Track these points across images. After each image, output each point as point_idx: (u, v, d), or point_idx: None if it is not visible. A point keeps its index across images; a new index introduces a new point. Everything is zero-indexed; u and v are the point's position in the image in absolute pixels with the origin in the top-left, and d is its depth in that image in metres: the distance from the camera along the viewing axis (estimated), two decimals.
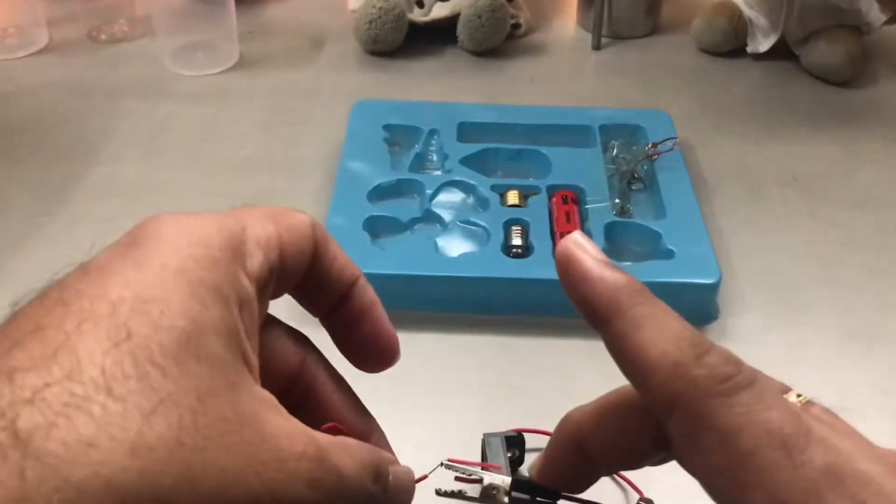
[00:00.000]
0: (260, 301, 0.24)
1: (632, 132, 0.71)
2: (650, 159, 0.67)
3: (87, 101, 0.79)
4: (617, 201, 0.64)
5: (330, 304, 0.28)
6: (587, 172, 0.65)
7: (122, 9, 0.90)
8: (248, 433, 0.20)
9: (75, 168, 0.70)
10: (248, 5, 0.94)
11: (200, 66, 0.84)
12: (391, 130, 0.70)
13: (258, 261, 0.24)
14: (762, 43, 0.86)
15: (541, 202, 0.63)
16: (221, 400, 0.20)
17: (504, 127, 0.71)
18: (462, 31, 0.86)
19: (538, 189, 0.64)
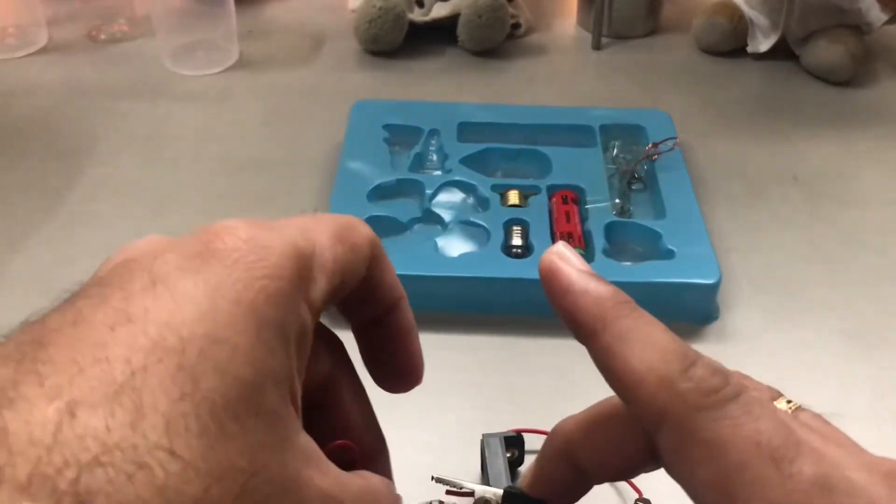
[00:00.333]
0: (312, 323, 0.23)
1: (632, 132, 0.71)
2: (650, 159, 0.67)
3: (87, 101, 0.79)
4: (617, 201, 0.64)
5: (368, 319, 0.28)
6: (587, 172, 0.65)
7: (122, 9, 0.90)
8: (289, 499, 0.20)
9: (75, 168, 0.70)
10: (248, 5, 0.94)
11: (200, 66, 0.84)
12: (391, 130, 0.70)
13: (321, 289, 0.23)
14: (762, 43, 0.86)
15: (541, 202, 0.63)
16: (271, 461, 0.20)
17: (504, 127, 0.71)
18: (462, 31, 0.86)
19: (538, 189, 0.64)
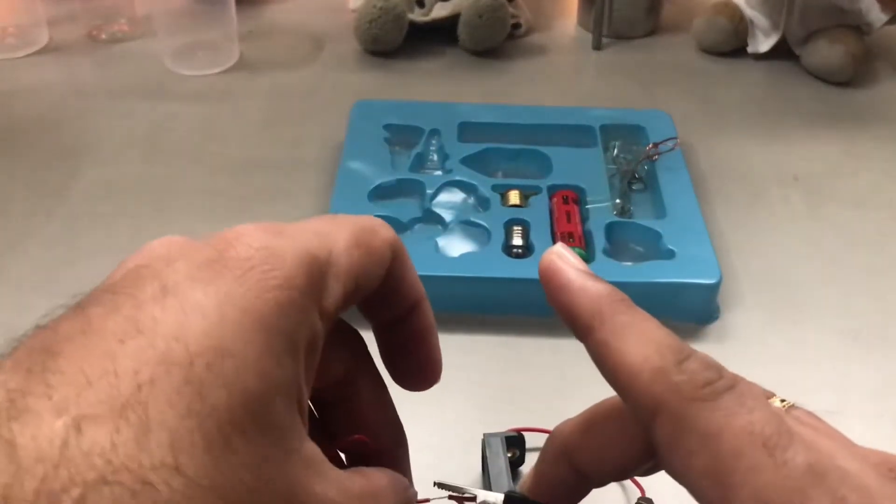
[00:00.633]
0: (325, 330, 0.24)
1: (632, 132, 0.70)
2: (651, 159, 0.67)
3: (87, 101, 0.79)
4: (618, 201, 0.63)
5: (388, 319, 0.28)
6: (588, 172, 0.65)
7: (122, 9, 0.90)
8: None
9: (75, 168, 0.70)
10: (248, 5, 0.94)
11: (200, 66, 0.84)
12: (392, 130, 0.70)
13: (335, 296, 0.23)
14: (763, 43, 0.86)
15: (541, 202, 0.63)
16: (276, 474, 0.20)
17: (505, 127, 0.71)
18: (462, 31, 0.86)
19: (539, 189, 0.64)
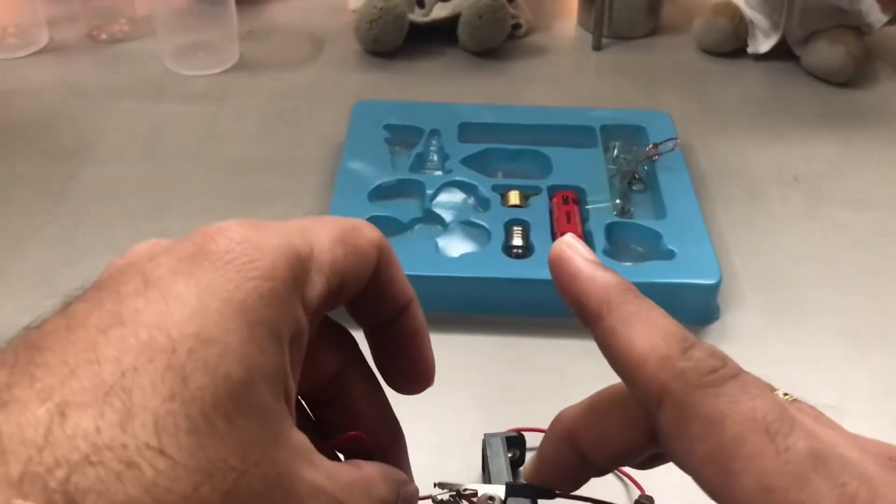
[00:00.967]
0: (310, 325, 0.24)
1: (632, 132, 0.70)
2: (651, 160, 0.67)
3: (87, 101, 0.79)
4: (618, 202, 0.63)
5: (378, 322, 0.28)
6: (588, 173, 0.65)
7: (122, 9, 0.90)
8: (279, 493, 0.21)
9: (75, 168, 0.70)
10: (248, 5, 0.94)
11: (200, 66, 0.84)
12: (392, 131, 0.70)
13: (318, 290, 0.24)
14: (763, 43, 0.86)
15: (542, 202, 0.63)
16: (262, 457, 0.20)
17: (505, 127, 0.71)
18: (463, 32, 0.86)
19: (539, 189, 0.64)
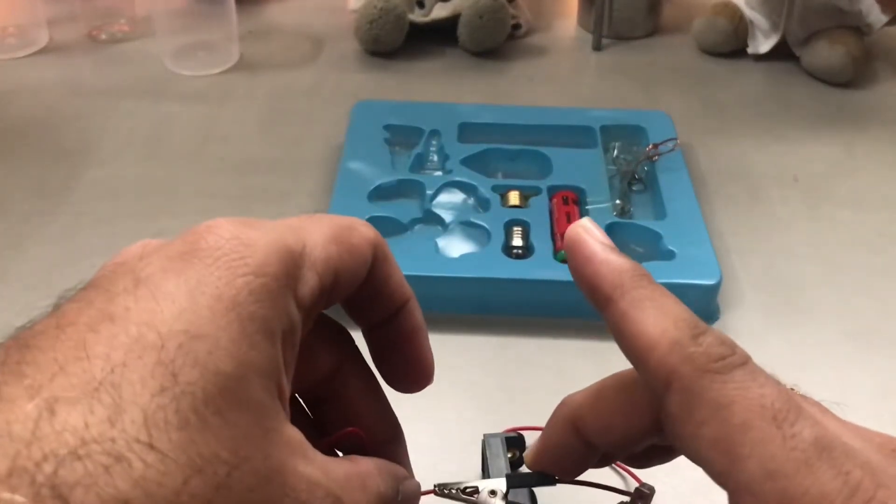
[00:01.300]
0: (304, 322, 0.24)
1: (632, 133, 0.71)
2: (651, 160, 0.67)
3: (87, 101, 0.79)
4: (618, 202, 0.63)
5: (376, 321, 0.28)
6: (588, 173, 0.65)
7: (122, 9, 0.90)
8: (273, 488, 0.21)
9: (75, 168, 0.70)
10: (248, 5, 0.94)
11: (200, 66, 0.84)
12: (392, 131, 0.70)
13: (311, 287, 0.24)
14: (763, 44, 0.86)
15: (541, 203, 0.63)
16: (255, 451, 0.20)
17: (505, 127, 0.71)
18: (463, 32, 0.86)
19: (539, 190, 0.64)
